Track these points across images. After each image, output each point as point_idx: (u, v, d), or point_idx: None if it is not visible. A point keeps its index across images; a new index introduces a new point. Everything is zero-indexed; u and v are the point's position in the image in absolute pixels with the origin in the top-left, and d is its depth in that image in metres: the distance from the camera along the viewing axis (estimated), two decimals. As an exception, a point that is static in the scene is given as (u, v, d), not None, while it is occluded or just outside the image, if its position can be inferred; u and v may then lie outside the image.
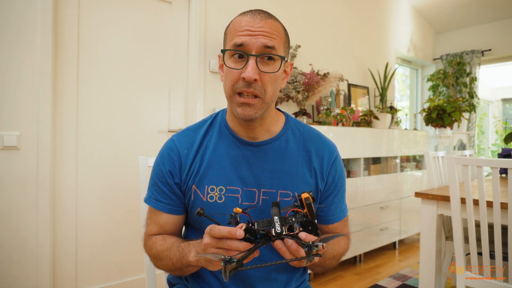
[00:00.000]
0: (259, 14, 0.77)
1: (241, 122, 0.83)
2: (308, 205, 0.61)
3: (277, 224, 0.60)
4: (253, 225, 0.64)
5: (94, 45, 1.94)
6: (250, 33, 0.75)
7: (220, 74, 0.85)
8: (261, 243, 0.63)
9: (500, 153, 2.57)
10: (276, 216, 0.61)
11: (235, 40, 0.75)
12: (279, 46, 0.77)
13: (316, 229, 0.63)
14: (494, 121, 6.30)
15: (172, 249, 0.79)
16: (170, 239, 0.83)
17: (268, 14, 0.79)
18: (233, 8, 2.47)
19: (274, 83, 0.78)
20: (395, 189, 3.12)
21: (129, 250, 2.07)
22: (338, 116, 2.72)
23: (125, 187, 2.05)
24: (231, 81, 0.77)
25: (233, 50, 0.75)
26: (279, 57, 0.77)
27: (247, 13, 0.78)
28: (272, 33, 0.76)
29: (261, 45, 0.74)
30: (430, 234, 1.80)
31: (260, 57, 0.75)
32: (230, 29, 0.79)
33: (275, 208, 0.62)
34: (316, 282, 2.44)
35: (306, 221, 0.62)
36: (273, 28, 0.77)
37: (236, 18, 0.80)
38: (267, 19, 0.77)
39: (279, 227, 0.60)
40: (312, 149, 0.89)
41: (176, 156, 0.85)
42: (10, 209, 1.67)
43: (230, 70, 0.77)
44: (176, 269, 0.80)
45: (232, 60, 0.77)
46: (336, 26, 3.32)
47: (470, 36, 4.50)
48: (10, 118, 1.66)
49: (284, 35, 0.81)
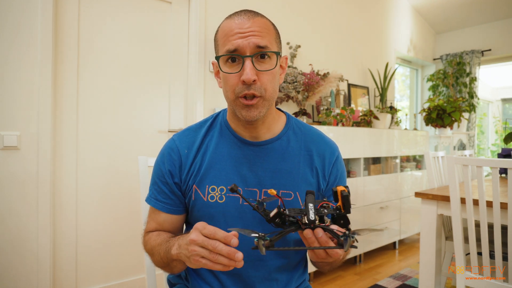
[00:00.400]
0: (245, 14, 0.77)
1: (243, 122, 0.83)
2: (344, 197, 0.60)
3: (311, 211, 0.59)
4: (285, 210, 0.62)
5: (94, 45, 1.94)
6: (241, 35, 0.74)
7: (217, 81, 0.84)
8: (291, 229, 0.62)
9: (500, 153, 2.57)
10: (311, 203, 0.59)
11: (228, 46, 0.75)
12: (271, 43, 0.77)
13: (348, 223, 0.61)
14: (494, 121, 6.30)
15: (162, 244, 0.79)
16: (164, 235, 0.83)
17: (254, 12, 0.78)
18: (233, 8, 2.46)
19: (273, 80, 0.78)
20: (395, 189, 3.12)
21: (129, 251, 2.07)
22: (338, 116, 2.72)
23: (125, 187, 2.05)
24: (231, 86, 0.77)
25: (227, 55, 0.75)
26: (274, 53, 0.77)
27: (234, 16, 0.78)
28: (262, 31, 0.76)
29: (254, 46, 0.74)
30: (430, 234, 1.81)
31: (255, 56, 0.75)
32: (220, 35, 0.79)
33: (310, 195, 0.60)
34: (316, 282, 2.44)
35: (338, 214, 0.61)
36: (262, 25, 0.77)
37: (223, 23, 0.79)
38: (254, 17, 0.77)
39: (313, 215, 0.58)
40: (313, 148, 0.89)
41: (177, 156, 0.85)
42: (10, 209, 1.67)
43: (228, 75, 0.77)
44: (165, 265, 0.79)
45: (227, 65, 0.77)
46: (336, 26, 3.32)
47: (470, 36, 4.50)
48: (10, 118, 1.66)
49: (274, 31, 0.81)
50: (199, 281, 0.88)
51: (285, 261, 0.87)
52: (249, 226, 0.82)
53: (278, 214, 0.62)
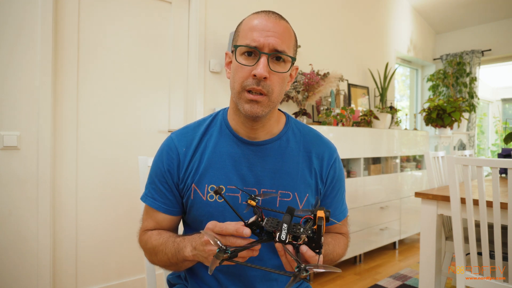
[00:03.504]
0: (272, 15, 0.79)
1: (244, 121, 0.83)
2: (318, 226, 0.61)
3: (283, 231, 0.60)
4: (262, 221, 0.64)
5: (94, 45, 1.94)
6: (263, 33, 0.76)
7: (226, 71, 0.85)
8: (264, 240, 0.63)
9: (500, 153, 2.57)
10: (286, 224, 0.61)
11: (248, 40, 0.76)
12: (289, 49, 0.79)
13: (319, 247, 0.63)
14: (494, 121, 6.30)
15: (167, 244, 0.79)
16: (166, 234, 0.83)
17: (280, 16, 0.80)
18: (233, 8, 2.47)
19: (282, 84, 0.79)
20: (395, 189, 3.12)
21: (129, 250, 2.07)
22: (338, 116, 2.72)
23: (125, 187, 2.05)
24: (241, 78, 0.77)
25: (246, 46, 0.76)
26: (290, 58, 0.78)
27: (261, 13, 0.79)
28: (283, 36, 0.77)
29: (273, 47, 0.75)
30: (430, 234, 1.80)
31: (271, 56, 0.76)
32: (243, 27, 0.80)
33: (287, 215, 0.61)
34: (316, 282, 2.44)
35: (311, 238, 0.62)
36: (285, 30, 0.78)
37: (250, 17, 0.81)
38: (280, 21, 0.79)
39: (284, 236, 0.60)
40: (312, 150, 0.89)
41: (175, 154, 0.85)
42: (10, 209, 1.67)
43: (241, 66, 0.77)
44: (171, 264, 0.80)
45: (243, 57, 0.78)
46: (336, 26, 3.32)
47: (470, 36, 4.50)
48: (10, 118, 1.66)
49: (294, 38, 0.82)
50: (198, 281, 0.88)
51: None
52: None
53: (254, 222, 0.64)
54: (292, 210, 0.62)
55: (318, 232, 0.61)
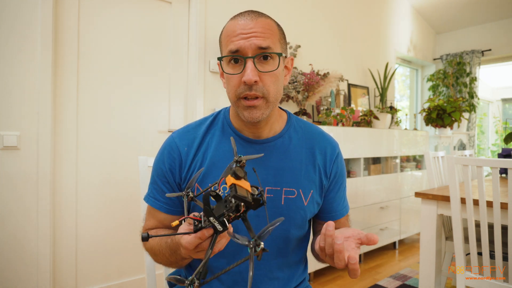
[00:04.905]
0: (249, 15, 0.77)
1: (247, 124, 0.83)
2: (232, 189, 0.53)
3: (216, 224, 0.55)
4: (200, 223, 0.59)
5: (94, 45, 1.94)
6: (243, 36, 0.74)
7: (222, 82, 0.85)
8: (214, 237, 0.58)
9: (500, 153, 2.57)
10: (211, 216, 0.54)
11: (230, 46, 0.75)
12: (274, 44, 0.77)
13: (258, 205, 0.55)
14: (494, 121, 6.30)
15: (162, 244, 0.79)
16: (161, 232, 0.83)
17: (259, 13, 0.78)
18: (233, 8, 2.47)
19: (276, 82, 0.78)
20: (395, 189, 3.12)
21: (129, 251, 2.07)
22: (338, 116, 2.72)
23: (125, 187, 2.05)
24: (233, 87, 0.77)
25: (229, 56, 0.75)
26: (276, 55, 0.77)
27: (237, 17, 0.78)
28: (264, 32, 0.75)
29: (256, 47, 0.74)
30: (430, 234, 1.80)
31: (257, 58, 0.75)
32: (223, 36, 0.79)
33: (205, 208, 0.54)
34: (316, 282, 2.44)
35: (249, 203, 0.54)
36: (265, 26, 0.76)
37: (227, 24, 0.79)
38: (258, 18, 0.76)
39: (220, 226, 0.55)
40: (315, 145, 0.89)
41: (176, 154, 0.85)
42: (10, 210, 1.67)
43: (230, 76, 0.77)
44: (172, 263, 0.80)
45: (230, 66, 0.77)
46: (336, 26, 3.32)
47: (470, 36, 4.50)
48: (10, 118, 1.66)
49: (278, 31, 0.80)
50: (199, 281, 0.88)
51: (284, 259, 0.87)
52: (252, 224, 0.82)
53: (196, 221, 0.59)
54: (206, 198, 0.54)
55: (238, 196, 0.52)
